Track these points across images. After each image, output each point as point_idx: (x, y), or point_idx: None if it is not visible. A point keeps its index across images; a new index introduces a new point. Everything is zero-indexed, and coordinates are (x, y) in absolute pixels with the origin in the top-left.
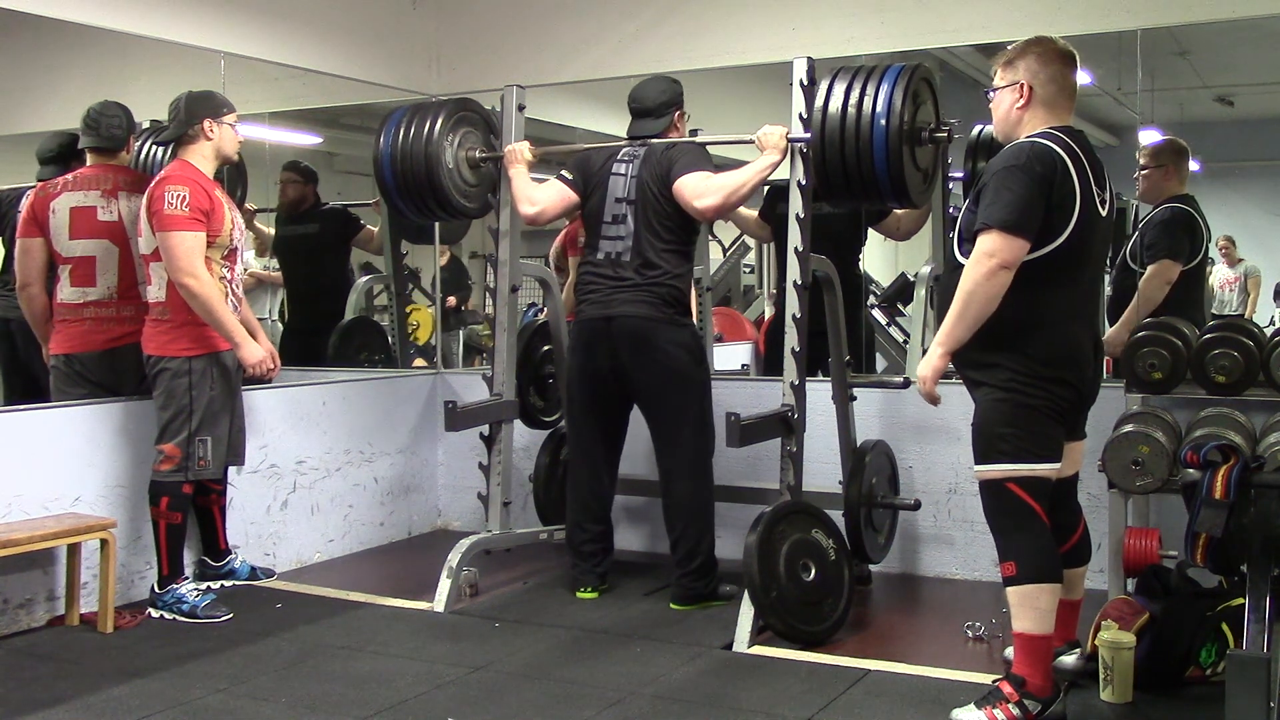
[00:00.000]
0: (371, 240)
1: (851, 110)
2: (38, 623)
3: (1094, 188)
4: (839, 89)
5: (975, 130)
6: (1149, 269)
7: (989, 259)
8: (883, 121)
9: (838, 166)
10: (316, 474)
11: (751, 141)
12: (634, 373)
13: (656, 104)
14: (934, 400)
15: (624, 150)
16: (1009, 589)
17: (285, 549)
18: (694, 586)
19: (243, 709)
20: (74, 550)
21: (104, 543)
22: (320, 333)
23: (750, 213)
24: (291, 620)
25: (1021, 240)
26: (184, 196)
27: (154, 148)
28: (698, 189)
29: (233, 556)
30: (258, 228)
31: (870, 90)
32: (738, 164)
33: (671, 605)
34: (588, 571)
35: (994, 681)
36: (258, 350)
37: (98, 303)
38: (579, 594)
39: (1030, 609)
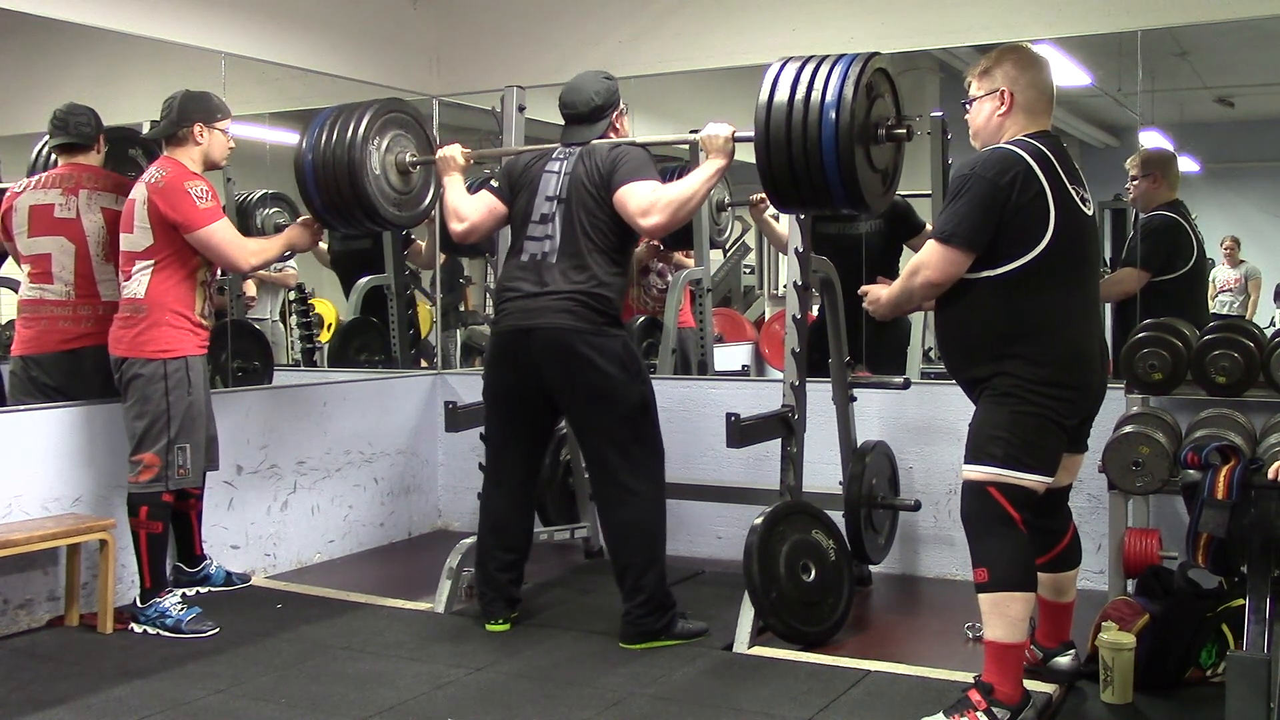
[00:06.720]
0: (420, 254)
1: (799, 104)
2: (38, 623)
3: (1070, 187)
4: (785, 80)
5: None
6: (1119, 270)
7: (916, 275)
8: (832, 115)
9: (784, 168)
10: (316, 474)
11: (695, 141)
12: (558, 390)
13: (591, 109)
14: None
15: (559, 150)
16: (980, 595)
17: (285, 549)
18: (643, 623)
19: (243, 709)
20: (74, 551)
21: (104, 543)
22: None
23: (784, 231)
24: (291, 620)
25: (957, 251)
26: (206, 190)
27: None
28: (643, 204)
29: (208, 562)
30: None
31: (819, 82)
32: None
33: (620, 645)
34: (496, 601)
35: (962, 690)
36: (305, 230)
37: (55, 302)
38: (489, 626)
39: (1001, 617)
